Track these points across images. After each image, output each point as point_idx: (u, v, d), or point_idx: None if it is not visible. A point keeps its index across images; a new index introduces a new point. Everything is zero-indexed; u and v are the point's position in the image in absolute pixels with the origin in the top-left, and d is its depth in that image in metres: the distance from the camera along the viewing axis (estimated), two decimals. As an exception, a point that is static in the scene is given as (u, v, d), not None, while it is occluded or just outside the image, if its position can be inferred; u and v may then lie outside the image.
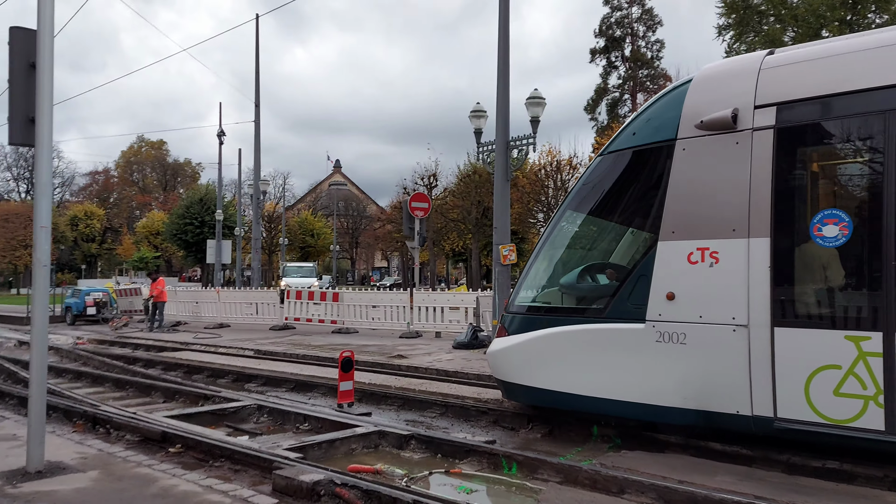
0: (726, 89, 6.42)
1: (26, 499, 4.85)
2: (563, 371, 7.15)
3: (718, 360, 6.11)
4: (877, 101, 5.64)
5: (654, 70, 47.62)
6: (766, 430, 5.94)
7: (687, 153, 6.52)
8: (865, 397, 5.46)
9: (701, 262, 6.29)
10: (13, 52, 5.52)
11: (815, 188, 6.26)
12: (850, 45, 6.05)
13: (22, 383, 11.13)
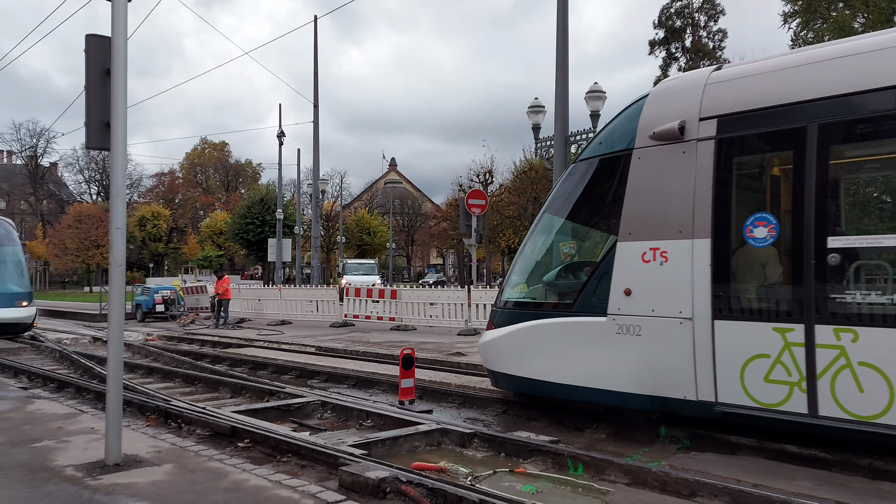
0: (676, 103, 7.02)
1: (106, 491, 5.02)
2: (539, 361, 7.87)
3: (668, 350, 6.70)
4: (799, 115, 6.16)
5: (717, 61, 46.33)
6: (709, 413, 6.52)
7: (642, 161, 7.14)
8: (791, 383, 6.02)
9: (653, 260, 6.91)
10: (89, 59, 5.71)
11: (748, 193, 6.83)
12: (784, 61, 6.65)
13: (97, 378, 11.57)
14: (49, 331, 21.98)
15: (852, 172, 6.44)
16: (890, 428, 5.48)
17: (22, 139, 78.93)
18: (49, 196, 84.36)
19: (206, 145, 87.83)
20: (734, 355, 6.32)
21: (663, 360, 6.75)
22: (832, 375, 5.79)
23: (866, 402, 5.61)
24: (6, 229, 20.24)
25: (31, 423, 7.46)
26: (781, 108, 6.29)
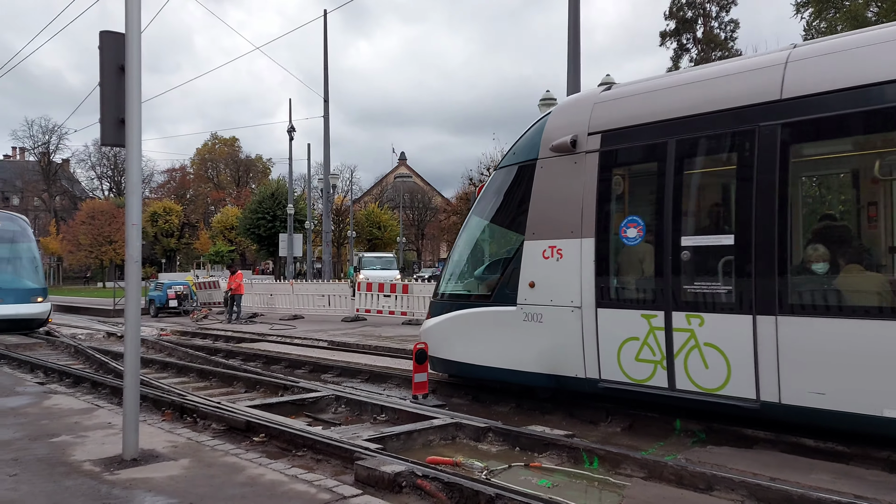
0: (571, 119, 8.08)
1: (124, 485, 5.05)
2: (464, 346, 9.00)
3: (563, 335, 7.81)
4: (661, 132, 7.18)
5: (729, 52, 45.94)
6: (595, 389, 7.62)
7: (543, 170, 8.22)
8: (655, 362, 7.06)
9: (551, 257, 8.01)
10: (103, 56, 5.73)
11: (623, 199, 7.85)
12: (654, 84, 7.72)
13: (113, 373, 11.66)
14: (64, 326, 22.15)
15: (699, 181, 7.25)
16: (727, 398, 6.53)
17: (34, 136, 79.51)
18: (62, 192, 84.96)
19: (217, 141, 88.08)
20: (613, 338, 7.40)
21: (560, 343, 7.86)
22: (685, 354, 6.84)
23: (711, 376, 6.67)
24: (20, 226, 20.39)
25: (48, 417, 7.53)
26: (648, 126, 7.32)
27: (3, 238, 19.55)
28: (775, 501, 4.95)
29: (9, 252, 19.46)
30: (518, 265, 8.35)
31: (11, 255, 19.48)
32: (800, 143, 6.57)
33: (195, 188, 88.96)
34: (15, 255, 19.57)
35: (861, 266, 6.35)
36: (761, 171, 6.48)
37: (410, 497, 5.15)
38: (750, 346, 6.37)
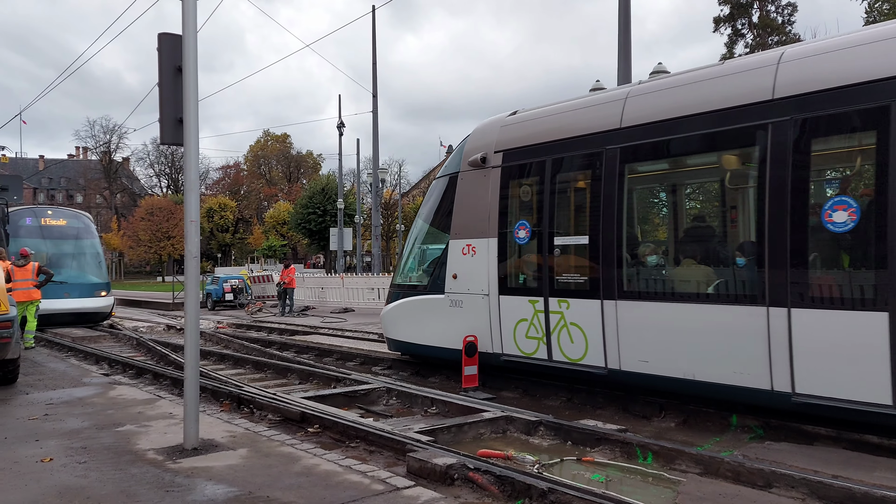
0: (484, 139, 9.76)
1: (186, 474, 5.22)
2: (409, 328, 10.72)
3: (478, 317, 9.47)
4: (542, 151, 8.85)
5: (786, 36, 44.46)
6: (499, 362, 9.27)
7: (463, 181, 9.91)
8: (538, 338, 8.72)
9: (469, 253, 9.65)
10: (162, 57, 5.90)
11: (516, 206, 9.31)
12: (541, 111, 9.29)
13: (173, 365, 12.02)
14: (126, 319, 22.91)
15: (566, 192, 8.88)
16: (585, 366, 8.21)
17: (96, 136, 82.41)
18: (122, 190, 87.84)
19: (269, 137, 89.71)
20: (511, 320, 9.06)
21: (475, 325, 9.48)
22: (558, 332, 8.49)
23: (575, 349, 8.31)
24: (84, 223, 21.13)
25: (113, 407, 7.82)
26: (534, 146, 8.98)
27: (69, 235, 20.31)
28: (837, 499, 4.82)
29: (74, 248, 20.22)
30: (445, 260, 10.07)
31: (76, 251, 20.24)
32: (633, 163, 8.05)
33: (248, 184, 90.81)
34: (79, 251, 20.32)
35: (674, 262, 8.09)
36: (606, 184, 8.00)
37: (462, 490, 5.18)
38: (599, 324, 8.03)
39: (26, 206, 22.89)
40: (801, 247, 6.43)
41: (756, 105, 6.81)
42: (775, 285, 6.52)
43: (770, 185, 6.61)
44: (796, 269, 6.40)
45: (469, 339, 9.31)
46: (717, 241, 7.80)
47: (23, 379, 9.80)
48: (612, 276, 7.88)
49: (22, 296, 13.75)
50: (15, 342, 8.89)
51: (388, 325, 11.36)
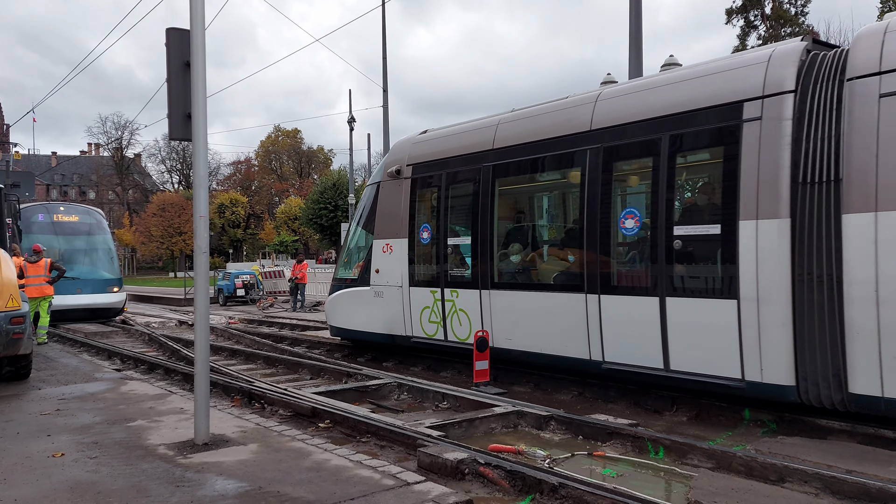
0: (400, 154, 11.60)
1: (196, 469, 5.23)
2: (345, 315, 12.56)
3: (394, 306, 11.21)
4: (439, 166, 10.63)
5: (799, 27, 43.98)
6: (410, 343, 11.05)
7: (384, 189, 11.66)
8: (438, 322, 10.50)
9: (388, 251, 11.37)
10: (170, 53, 5.88)
11: (421, 211, 10.97)
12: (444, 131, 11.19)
13: (184, 360, 12.07)
14: (138, 315, 23.05)
15: (456, 200, 10.54)
16: (469, 345, 9.61)
17: (108, 132, 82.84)
18: (134, 186, 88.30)
19: (280, 133, 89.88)
20: (418, 307, 10.82)
21: (393, 312, 11.23)
22: (451, 317, 10.24)
23: (463, 331, 10.09)
24: (96, 219, 21.25)
25: (125, 402, 7.86)
26: (434, 161, 10.76)
27: (81, 231, 20.43)
28: (851, 494, 4.77)
29: (86, 244, 20.34)
30: (370, 257, 11.80)
31: (88, 247, 20.36)
32: (501, 177, 9.74)
33: (260, 180, 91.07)
34: (91, 247, 20.43)
35: (527, 259, 9.75)
36: (482, 195, 9.80)
37: (473, 484, 5.17)
38: (479, 310, 9.81)
39: (38, 203, 23.04)
40: (606, 247, 8.20)
41: (579, 134, 8.55)
42: (590, 276, 8.26)
43: (587, 199, 8.34)
44: (603, 264, 8.20)
45: (480, 335, 9.29)
46: (555, 242, 9.92)
47: (35, 374, 9.86)
48: (487, 271, 9.73)
49: (34, 292, 13.84)
50: (27, 338, 8.94)
51: (329, 314, 13.25)
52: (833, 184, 6.35)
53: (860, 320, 6.08)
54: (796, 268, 6.55)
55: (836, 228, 6.28)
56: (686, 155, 7.85)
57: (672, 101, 7.65)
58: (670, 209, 7.56)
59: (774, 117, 6.73)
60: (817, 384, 6.41)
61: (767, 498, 4.76)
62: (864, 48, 6.36)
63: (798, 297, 6.52)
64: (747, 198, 6.85)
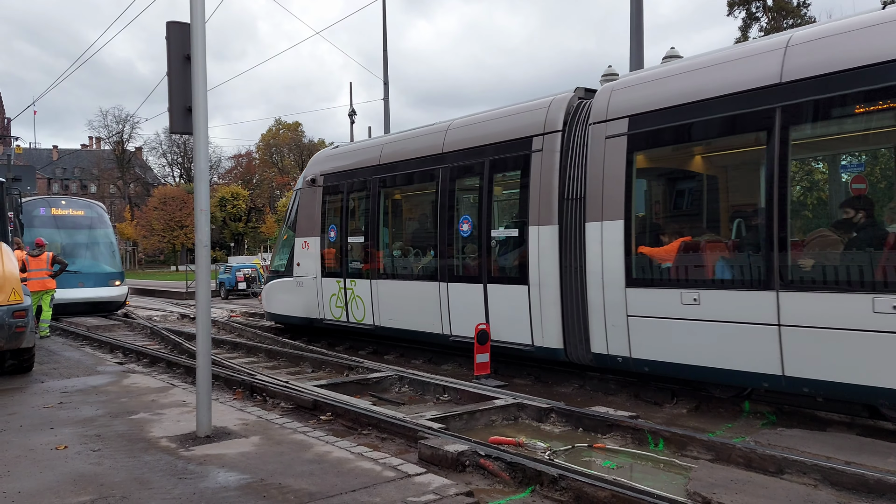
0: (316, 165, 13.83)
1: (199, 461, 5.26)
2: (275, 302, 14.66)
3: (311, 294, 13.30)
4: (344, 177, 12.77)
5: (801, 19, 43.80)
6: (322, 325, 13.18)
7: (303, 195, 13.82)
8: (342, 307, 12.53)
9: (306, 247, 13.49)
10: (170, 46, 5.89)
11: (330, 214, 13.07)
12: (350, 147, 13.92)
13: (186, 354, 12.11)
14: (140, 308, 23.09)
15: (353, 205, 12.69)
16: (365, 325, 12.00)
17: (109, 126, 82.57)
18: (135, 179, 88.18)
19: (281, 126, 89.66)
20: (328, 294, 12.93)
21: (310, 299, 13.34)
22: (351, 302, 12.29)
23: (360, 313, 12.13)
24: (98, 213, 21.26)
25: (127, 395, 7.89)
26: (339, 172, 12.91)
27: (82, 225, 20.46)
28: (850, 485, 4.80)
29: (87, 238, 20.37)
30: (293, 252, 13.90)
31: (90, 240, 20.39)
32: (385, 188, 11.91)
33: (261, 173, 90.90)
34: (93, 240, 20.46)
35: (402, 254, 11.92)
36: (372, 202, 11.99)
37: (473, 476, 5.20)
38: (370, 296, 11.85)
39: (40, 197, 23.02)
40: (451, 245, 10.39)
41: (435, 156, 10.68)
42: (441, 268, 10.46)
43: (439, 207, 10.52)
44: (449, 258, 10.38)
45: (481, 328, 9.32)
46: (421, 241, 11.75)
47: (38, 367, 9.90)
48: (375, 263, 11.89)
49: (37, 285, 13.87)
50: (30, 331, 8.97)
51: (264, 301, 15.52)
52: (580, 200, 8.46)
53: (594, 299, 8.21)
54: (562, 261, 8.71)
55: (581, 233, 8.40)
56: (499, 175, 9.99)
57: (491, 132, 9.88)
58: (490, 216, 9.85)
59: (550, 150, 8.90)
60: (576, 346, 8.62)
61: (766, 489, 4.79)
62: (599, 100, 8.39)
63: (563, 283, 8.72)
64: (534, 209, 8.99)
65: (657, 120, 7.72)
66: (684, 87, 7.54)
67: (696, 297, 7.20)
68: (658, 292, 7.61)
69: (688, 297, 7.27)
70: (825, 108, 6.43)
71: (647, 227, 8.29)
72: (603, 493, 4.49)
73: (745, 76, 6.96)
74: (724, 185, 8.21)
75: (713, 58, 7.53)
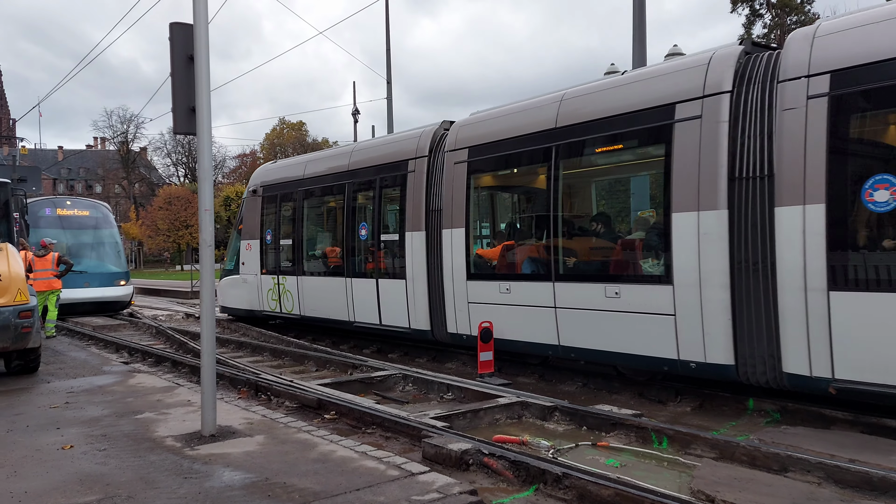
0: (258, 177, 15.87)
1: (204, 460, 5.29)
2: (228, 296, 16.65)
3: (253, 289, 15.37)
4: (279, 188, 14.89)
5: (805, 15, 43.60)
6: (261, 315, 15.35)
7: (248, 203, 15.96)
8: (276, 300, 14.62)
9: (249, 249, 15.52)
10: (174, 47, 5.90)
11: (267, 220, 15.00)
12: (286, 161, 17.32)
13: (191, 353, 12.15)
14: (145, 308, 23.15)
15: (283, 212, 14.72)
16: (294, 315, 14.00)
17: (114, 126, 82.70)
18: (140, 179, 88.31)
19: (285, 125, 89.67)
20: (265, 289, 14.89)
21: (252, 294, 15.43)
22: (283, 296, 14.34)
23: (289, 305, 14.14)
24: (103, 212, 21.31)
25: (133, 395, 7.93)
26: (276, 184, 14.93)
27: (87, 225, 20.50)
28: (854, 483, 4.80)
29: (93, 238, 20.42)
30: (239, 252, 16.06)
31: (95, 240, 20.44)
32: (307, 199, 14.18)
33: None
34: (98, 240, 20.51)
35: (321, 254, 14.04)
36: (297, 211, 14.22)
37: (477, 475, 5.21)
38: (296, 290, 13.91)
39: (45, 197, 23.04)
40: (353, 247, 12.53)
41: (343, 172, 12.93)
42: (347, 266, 12.65)
43: (345, 215, 12.71)
44: (353, 258, 12.58)
45: (484, 326, 9.33)
46: (333, 244, 13.73)
47: (44, 368, 9.95)
48: (300, 263, 14.08)
49: (42, 285, 13.92)
50: (35, 331, 9.01)
51: (219, 295, 16.92)
52: (439, 212, 10.59)
53: (448, 290, 10.37)
54: (429, 260, 10.79)
55: (440, 238, 10.55)
56: (386, 189, 11.90)
57: (381, 155, 12.12)
58: (379, 223, 11.95)
59: (419, 171, 11.03)
60: (439, 328, 10.73)
61: (770, 487, 4.79)
62: (451, 133, 10.67)
63: (430, 278, 10.79)
64: (408, 218, 11.12)
65: (484, 150, 9.88)
66: (501, 125, 9.70)
67: (508, 288, 9.39)
68: (487, 283, 9.82)
69: (503, 288, 9.48)
70: (584, 147, 8.57)
71: (481, 233, 11.06)
72: (607, 492, 4.50)
73: (535, 119, 9.10)
74: (528, 202, 10.88)
75: (522, 105, 9.62)
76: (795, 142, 6.45)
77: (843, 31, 6.44)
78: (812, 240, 6.26)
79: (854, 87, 6.19)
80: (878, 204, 5.94)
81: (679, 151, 7.36)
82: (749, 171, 6.88)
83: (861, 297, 6.00)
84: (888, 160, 6.22)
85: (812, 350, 6.29)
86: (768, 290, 6.71)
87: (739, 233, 6.92)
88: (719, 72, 7.20)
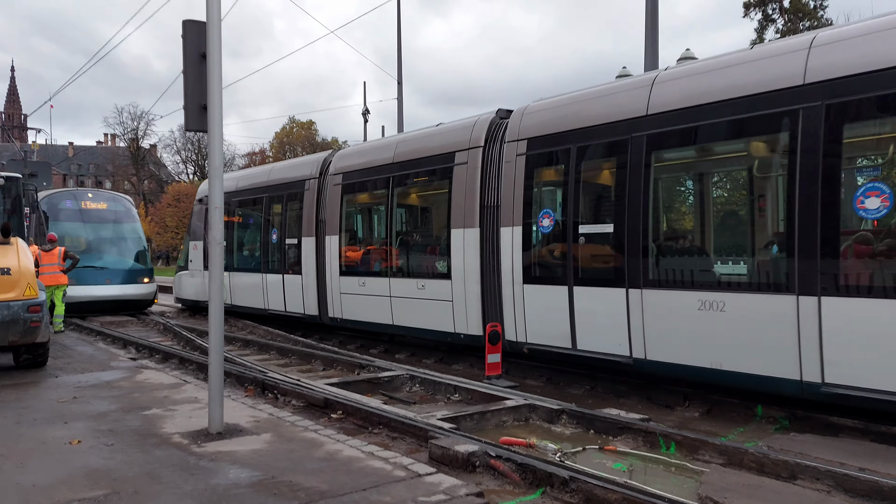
0: (203, 187, 19.00)
1: (210, 458, 5.29)
2: (182, 289, 19.79)
3: (199, 283, 18.24)
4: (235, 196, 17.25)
5: (818, 21, 43.41)
6: (203, 304, 17.58)
7: (195, 210, 19.55)
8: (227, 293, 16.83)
9: (196, 248, 18.40)
10: (186, 44, 5.92)
11: None
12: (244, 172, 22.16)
13: (199, 350, 12.17)
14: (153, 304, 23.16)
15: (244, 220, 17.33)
16: (255, 308, 16.16)
17: (124, 122, 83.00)
18: (150, 176, 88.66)
19: (294, 124, 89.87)
20: (231, 286, 16.78)
21: (200, 287, 18.11)
22: (234, 290, 16.79)
23: (246, 299, 16.49)
24: (125, 206, 20.59)
25: (140, 391, 7.94)
26: (232, 193, 16.88)
27: (109, 219, 19.75)
28: (864, 493, 4.75)
29: (113, 233, 19.65)
30: (189, 252, 18.89)
31: (116, 235, 19.67)
32: (239, 207, 17.30)
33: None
34: (120, 235, 19.72)
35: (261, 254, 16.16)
36: (231, 215, 16.98)
37: (484, 477, 5.19)
38: (228, 283, 16.57)
39: (66, 189, 22.15)
40: (268, 248, 15.42)
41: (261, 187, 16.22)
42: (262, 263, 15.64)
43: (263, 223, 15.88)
44: (266, 257, 15.41)
45: (492, 328, 9.31)
46: (256, 245, 16.43)
47: (52, 362, 9.99)
48: (231, 260, 16.64)
49: (49, 280, 13.96)
50: (44, 326, 9.05)
51: (174, 288, 20.70)
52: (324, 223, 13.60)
53: (330, 283, 13.27)
54: (318, 259, 13.71)
55: (323, 242, 13.53)
56: (284, 201, 15.03)
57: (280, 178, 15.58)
58: (284, 229, 14.91)
59: (312, 189, 14.14)
60: (326, 312, 13.57)
61: (778, 494, 4.76)
62: None
63: (318, 272, 13.71)
64: (304, 225, 14.16)
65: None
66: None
67: (364, 282, 12.39)
68: (352, 278, 12.74)
69: (360, 282, 12.49)
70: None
71: (345, 237, 13.39)
72: (614, 496, 4.47)
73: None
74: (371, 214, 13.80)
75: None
76: (509, 183, 9.66)
77: (539, 111, 9.51)
78: (515, 250, 9.49)
79: (538, 149, 9.35)
80: (544, 227, 9.27)
81: (456, 185, 10.64)
82: (490, 201, 10.15)
83: (537, 288, 9.20)
84: (554, 200, 9.45)
85: (517, 323, 9.44)
86: (498, 283, 9.87)
87: (485, 244, 10.15)
88: (479, 130, 10.41)
